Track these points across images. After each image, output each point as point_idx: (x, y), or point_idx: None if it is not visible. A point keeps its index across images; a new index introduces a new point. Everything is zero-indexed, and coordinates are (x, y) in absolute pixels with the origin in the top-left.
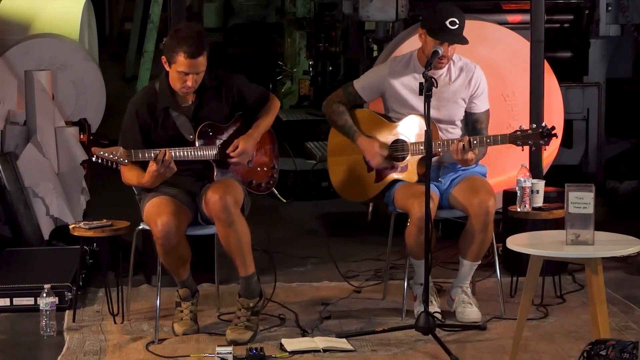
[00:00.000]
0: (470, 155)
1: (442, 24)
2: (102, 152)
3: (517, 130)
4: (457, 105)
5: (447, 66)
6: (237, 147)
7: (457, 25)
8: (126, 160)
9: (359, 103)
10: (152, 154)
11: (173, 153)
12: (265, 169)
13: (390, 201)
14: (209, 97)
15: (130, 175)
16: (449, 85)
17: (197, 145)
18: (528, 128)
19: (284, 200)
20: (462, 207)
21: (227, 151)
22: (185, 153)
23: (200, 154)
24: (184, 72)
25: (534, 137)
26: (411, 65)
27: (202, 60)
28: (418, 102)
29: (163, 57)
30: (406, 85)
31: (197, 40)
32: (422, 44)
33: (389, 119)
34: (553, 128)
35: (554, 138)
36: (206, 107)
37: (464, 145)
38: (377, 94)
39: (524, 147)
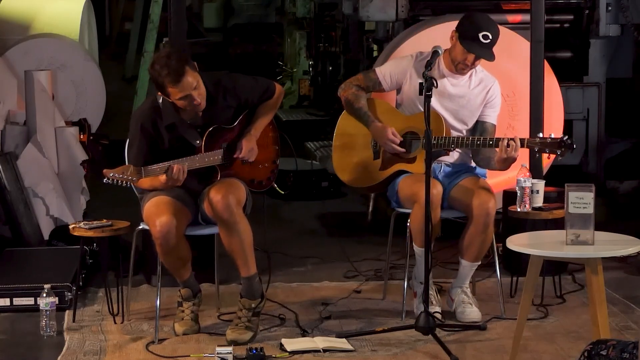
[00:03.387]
0: (516, 154)
1: (475, 34)
2: (112, 174)
3: (536, 137)
4: (471, 112)
5: (470, 73)
6: (241, 149)
7: (489, 40)
8: (135, 178)
9: (377, 91)
10: (161, 168)
11: (181, 165)
12: (266, 164)
13: (394, 192)
14: (215, 103)
15: (143, 183)
16: (468, 90)
17: (203, 151)
18: (547, 136)
19: (282, 192)
20: (462, 207)
21: (235, 155)
22: (193, 162)
23: (207, 160)
24: (182, 98)
25: (552, 145)
26: (435, 64)
27: (190, 78)
28: (434, 101)
29: (159, 92)
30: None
31: (172, 63)
32: (451, 46)
33: (403, 112)
34: (572, 139)
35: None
36: (212, 113)
37: (508, 142)
38: (397, 84)
39: (540, 153)
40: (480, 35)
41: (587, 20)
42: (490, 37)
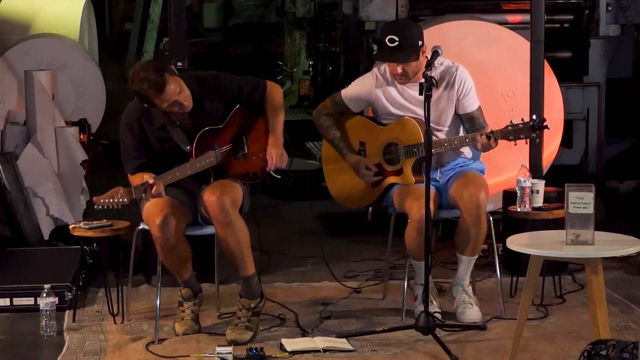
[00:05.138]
0: (493, 143)
1: (382, 41)
2: (102, 200)
3: (507, 125)
4: (443, 111)
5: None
6: (271, 158)
7: (396, 42)
8: (127, 200)
9: (348, 113)
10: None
11: (170, 177)
12: (260, 155)
13: (390, 203)
14: (201, 105)
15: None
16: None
17: (194, 157)
18: (519, 122)
19: (278, 177)
20: (455, 202)
21: (267, 169)
22: (184, 172)
23: (199, 165)
24: (169, 105)
25: (525, 130)
26: (384, 75)
27: (172, 85)
28: (406, 113)
29: (145, 104)
30: (392, 98)
31: (150, 75)
32: None
33: (380, 123)
34: (544, 120)
35: (546, 130)
36: (200, 115)
37: (486, 135)
38: (365, 105)
39: (517, 141)
40: (386, 40)
41: (587, 20)
42: (397, 39)
